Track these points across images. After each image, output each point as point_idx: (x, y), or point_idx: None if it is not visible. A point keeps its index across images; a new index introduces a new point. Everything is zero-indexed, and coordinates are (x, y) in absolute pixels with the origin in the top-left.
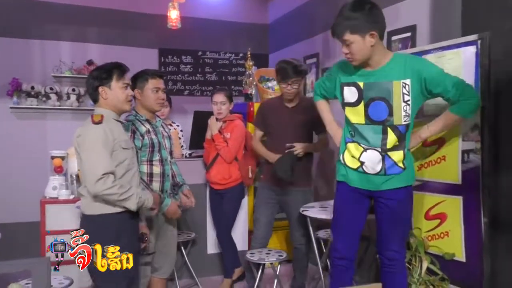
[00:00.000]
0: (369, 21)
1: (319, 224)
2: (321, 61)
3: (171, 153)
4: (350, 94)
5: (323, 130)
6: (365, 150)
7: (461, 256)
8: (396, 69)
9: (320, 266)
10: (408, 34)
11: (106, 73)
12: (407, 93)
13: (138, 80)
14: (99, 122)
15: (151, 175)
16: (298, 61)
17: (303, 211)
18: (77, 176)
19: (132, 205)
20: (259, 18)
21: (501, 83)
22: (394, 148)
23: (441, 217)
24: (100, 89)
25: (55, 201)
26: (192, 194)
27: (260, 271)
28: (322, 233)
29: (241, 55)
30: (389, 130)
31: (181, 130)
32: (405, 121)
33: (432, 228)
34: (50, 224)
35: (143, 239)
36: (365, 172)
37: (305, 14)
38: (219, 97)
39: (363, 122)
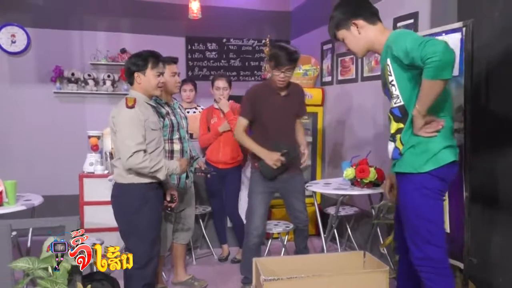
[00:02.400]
0: (346, 13)
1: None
2: (336, 47)
3: (186, 132)
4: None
5: (303, 114)
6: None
7: (445, 227)
8: (385, 50)
9: (323, 238)
10: (411, 20)
11: (142, 60)
12: (389, 73)
13: None
14: (132, 106)
15: (171, 152)
16: (293, 47)
17: (307, 186)
18: (111, 153)
19: (161, 175)
20: (281, 6)
21: (483, 67)
22: (398, 131)
23: None
24: (136, 74)
25: (91, 175)
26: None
27: (269, 242)
28: (331, 209)
29: (263, 41)
30: (389, 115)
31: None
32: (395, 103)
33: None
34: (88, 196)
35: (173, 199)
36: None
37: (324, 1)
38: (222, 83)
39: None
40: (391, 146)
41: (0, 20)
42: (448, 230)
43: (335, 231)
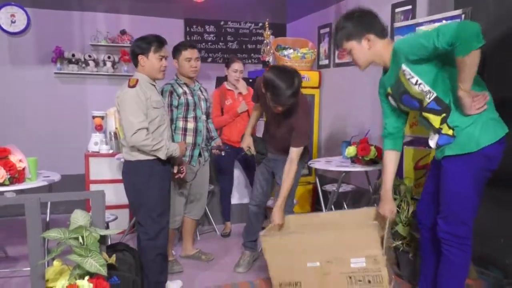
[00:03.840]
0: (360, 27)
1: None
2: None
3: (208, 114)
4: (392, 101)
5: (298, 145)
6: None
7: None
8: (394, 61)
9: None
10: (409, 6)
11: (146, 44)
12: (410, 76)
13: (175, 52)
14: (134, 86)
15: (185, 130)
16: (290, 79)
17: (310, 164)
18: (115, 133)
19: (162, 155)
20: None
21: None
22: (442, 121)
23: (426, 167)
24: (139, 57)
25: (96, 154)
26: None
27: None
28: (329, 187)
29: (260, 24)
30: (425, 114)
31: None
32: (430, 98)
33: (420, 176)
34: (93, 175)
35: (179, 170)
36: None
37: None
38: (239, 66)
39: (418, 115)
40: (434, 139)
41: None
42: None
43: (333, 207)
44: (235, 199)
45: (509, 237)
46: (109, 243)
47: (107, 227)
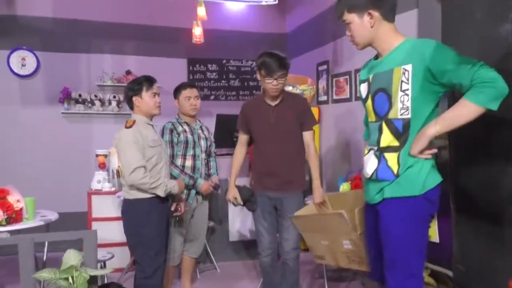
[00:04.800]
0: None
1: None
2: (331, 68)
3: (209, 153)
4: (363, 90)
5: (310, 127)
6: (368, 151)
7: (435, 238)
8: (402, 54)
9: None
10: None
11: (137, 85)
12: (406, 80)
13: (176, 92)
14: (130, 127)
15: (183, 167)
16: (282, 53)
17: (307, 201)
18: (117, 171)
19: (160, 192)
20: (278, 28)
21: None
22: (391, 148)
23: None
24: (134, 98)
25: (99, 192)
26: (218, 181)
27: None
28: None
29: None
30: (384, 125)
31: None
32: (402, 114)
33: None
34: (96, 212)
35: (177, 209)
36: (366, 179)
37: (318, 24)
38: None
39: (374, 119)
40: (373, 161)
41: (11, 44)
42: (437, 240)
43: None
44: (238, 236)
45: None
46: (105, 281)
47: (104, 266)
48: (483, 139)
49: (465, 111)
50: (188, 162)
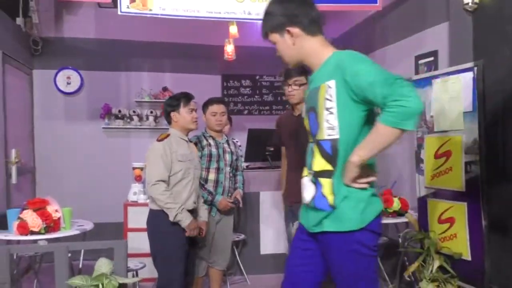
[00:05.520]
0: (283, 15)
1: None
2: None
3: (236, 167)
4: (304, 108)
5: None
6: (307, 174)
7: (467, 255)
8: (328, 69)
9: None
10: (431, 58)
11: (175, 101)
12: (329, 98)
13: (204, 107)
14: (161, 140)
15: (206, 180)
16: None
17: None
18: None
19: (170, 216)
20: None
21: (499, 100)
22: (325, 173)
23: (450, 221)
24: (172, 114)
25: (135, 204)
26: (241, 196)
27: None
28: None
29: None
30: (315, 147)
31: (240, 145)
32: (329, 135)
33: (443, 231)
34: (131, 223)
35: (199, 233)
36: (303, 204)
37: (349, 39)
38: None
39: (311, 140)
40: (310, 186)
41: (58, 64)
42: (469, 257)
43: None
44: (269, 249)
45: None
46: None
47: (136, 275)
48: None
49: (381, 135)
50: (212, 175)
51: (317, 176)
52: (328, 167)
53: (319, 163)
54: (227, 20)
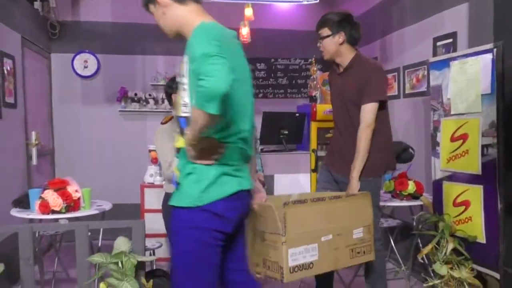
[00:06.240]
0: None
1: None
2: None
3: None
4: None
5: (367, 100)
6: None
7: (482, 238)
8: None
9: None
10: (450, 40)
11: (176, 83)
12: (184, 74)
13: None
14: (165, 123)
15: None
16: (335, 11)
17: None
18: None
19: None
20: None
21: None
22: (179, 150)
23: (466, 204)
24: (173, 96)
25: (151, 185)
26: (263, 178)
27: None
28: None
29: (310, 60)
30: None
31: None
32: (183, 112)
33: (458, 214)
34: (148, 204)
35: None
36: None
37: (366, 21)
38: None
39: None
40: (171, 166)
41: (75, 48)
42: (484, 240)
43: None
44: None
45: None
46: (154, 267)
47: (153, 254)
48: None
49: (194, 116)
50: None
51: (177, 152)
52: (183, 144)
53: (179, 140)
54: (243, 2)
